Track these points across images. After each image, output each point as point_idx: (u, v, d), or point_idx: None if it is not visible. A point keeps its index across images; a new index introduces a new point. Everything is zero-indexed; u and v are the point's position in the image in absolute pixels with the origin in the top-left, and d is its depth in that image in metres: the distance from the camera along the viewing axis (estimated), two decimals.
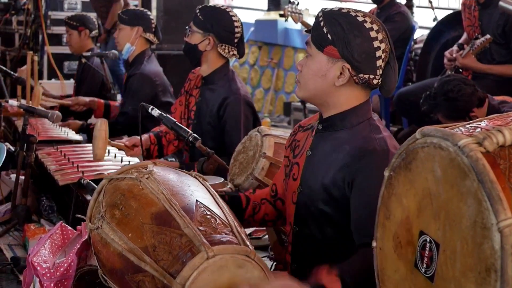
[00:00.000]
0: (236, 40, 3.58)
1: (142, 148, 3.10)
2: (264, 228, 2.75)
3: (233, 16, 3.57)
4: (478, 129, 1.40)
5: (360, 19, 2.09)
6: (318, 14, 2.15)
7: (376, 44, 2.07)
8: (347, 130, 2.15)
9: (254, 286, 1.68)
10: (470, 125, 1.46)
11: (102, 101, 4.92)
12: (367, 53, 2.07)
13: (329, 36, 2.08)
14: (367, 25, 2.08)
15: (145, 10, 4.67)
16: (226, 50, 3.57)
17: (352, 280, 1.84)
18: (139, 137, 3.78)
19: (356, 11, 2.12)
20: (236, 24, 3.56)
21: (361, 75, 2.09)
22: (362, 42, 2.06)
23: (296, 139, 2.32)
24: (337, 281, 1.80)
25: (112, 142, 3.52)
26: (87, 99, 4.94)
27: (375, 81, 2.11)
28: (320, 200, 2.14)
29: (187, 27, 3.67)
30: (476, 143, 1.32)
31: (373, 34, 2.08)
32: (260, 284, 1.69)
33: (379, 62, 2.09)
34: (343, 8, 2.13)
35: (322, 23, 2.11)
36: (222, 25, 3.54)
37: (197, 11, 3.62)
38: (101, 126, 3.20)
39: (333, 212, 2.13)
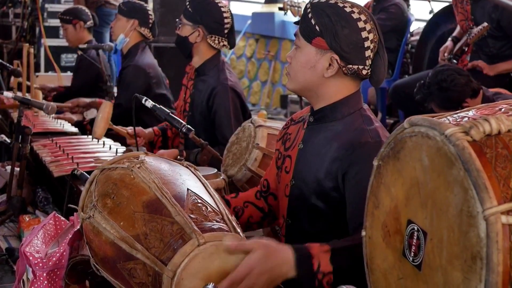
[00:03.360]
0: (226, 31, 3.58)
1: (135, 139, 3.10)
2: None
3: (222, 7, 3.58)
4: (466, 118, 1.40)
5: (348, 9, 2.08)
6: (306, 6, 2.14)
7: (364, 34, 2.07)
8: (338, 121, 2.14)
9: (238, 245, 1.70)
10: (458, 114, 1.46)
11: (102, 101, 4.91)
12: (355, 43, 2.07)
13: (317, 27, 2.08)
14: (355, 15, 2.08)
15: (145, 5, 4.68)
16: (216, 41, 3.58)
17: (343, 259, 1.82)
18: (142, 129, 3.80)
19: (344, 2, 2.11)
20: (225, 15, 3.57)
21: (350, 66, 2.09)
22: (350, 32, 2.06)
23: (288, 132, 2.32)
24: (327, 253, 1.81)
25: (114, 126, 3.53)
26: (87, 100, 4.94)
27: (364, 72, 2.10)
28: (312, 192, 2.13)
29: (177, 19, 3.68)
30: (463, 132, 1.32)
31: (361, 24, 2.07)
32: (240, 243, 1.71)
33: (368, 53, 2.09)
34: None
35: (310, 15, 2.10)
36: (211, 17, 3.55)
37: (187, 3, 3.63)
38: (105, 107, 3.35)
39: (325, 206, 2.12)
